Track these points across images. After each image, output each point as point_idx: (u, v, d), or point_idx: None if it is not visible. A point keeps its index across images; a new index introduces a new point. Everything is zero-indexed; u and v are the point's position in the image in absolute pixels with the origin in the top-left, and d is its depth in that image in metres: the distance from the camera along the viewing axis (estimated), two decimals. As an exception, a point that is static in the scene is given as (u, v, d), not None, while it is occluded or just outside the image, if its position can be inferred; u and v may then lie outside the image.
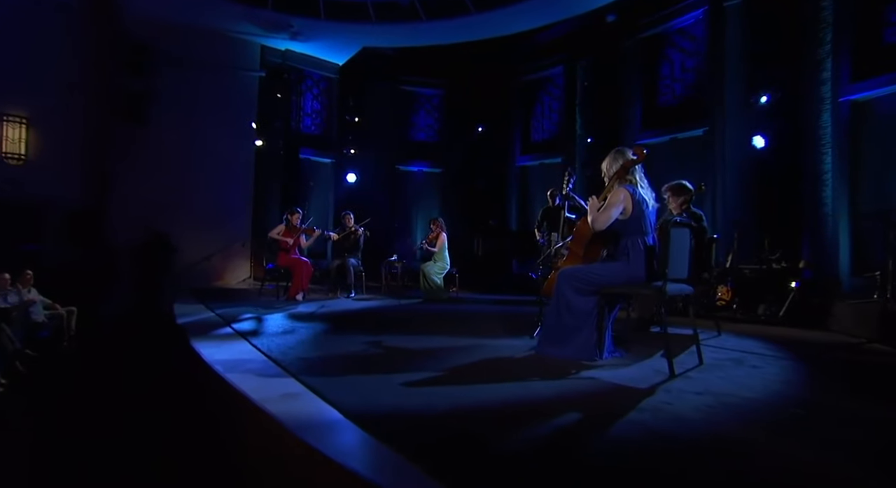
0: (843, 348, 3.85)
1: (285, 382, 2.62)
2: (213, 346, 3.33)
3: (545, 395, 2.42)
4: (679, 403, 2.32)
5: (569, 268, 3.30)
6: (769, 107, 6.96)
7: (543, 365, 3.06)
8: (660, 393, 2.47)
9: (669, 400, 2.35)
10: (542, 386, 2.57)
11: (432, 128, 11.49)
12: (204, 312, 4.97)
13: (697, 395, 2.45)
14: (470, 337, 3.98)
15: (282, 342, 3.55)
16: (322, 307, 5.75)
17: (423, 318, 5.18)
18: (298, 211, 6.60)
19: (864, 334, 4.10)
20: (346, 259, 7.00)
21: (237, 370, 2.80)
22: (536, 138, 10.52)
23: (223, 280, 9.07)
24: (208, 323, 4.34)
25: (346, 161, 10.34)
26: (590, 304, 3.20)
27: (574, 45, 9.50)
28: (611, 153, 3.37)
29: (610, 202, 3.11)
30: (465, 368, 2.96)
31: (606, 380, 2.72)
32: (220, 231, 8.99)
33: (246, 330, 4.00)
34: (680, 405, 2.29)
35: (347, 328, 4.42)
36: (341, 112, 10.41)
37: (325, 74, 10.30)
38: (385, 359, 3.23)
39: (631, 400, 2.36)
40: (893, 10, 6.42)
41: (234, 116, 9.02)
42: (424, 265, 7.09)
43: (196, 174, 8.66)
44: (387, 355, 3.34)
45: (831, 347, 3.89)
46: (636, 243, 3.12)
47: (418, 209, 11.21)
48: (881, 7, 6.47)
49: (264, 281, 7.04)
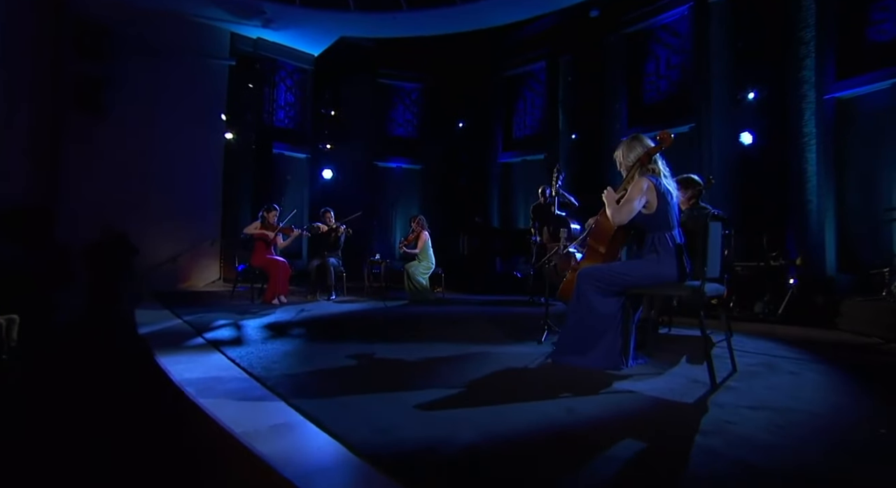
0: (864, 349, 3.63)
1: (274, 408, 2.15)
2: (182, 362, 2.80)
3: (589, 417, 2.03)
4: (741, 422, 1.97)
5: (590, 268, 2.93)
6: (756, 103, 6.85)
7: (568, 376, 2.69)
8: (713, 410, 2.13)
9: (729, 419, 2.01)
10: (579, 404, 2.18)
11: (411, 124, 11.03)
12: (170, 319, 4.39)
13: (754, 411, 2.12)
14: (472, 343, 3.57)
15: (263, 354, 3.05)
16: (302, 311, 5.23)
17: (415, 323, 4.74)
18: (276, 208, 6.03)
19: (876, 333, 3.91)
20: (325, 258, 6.47)
21: (213, 393, 2.30)
22: (518, 135, 10.20)
23: (190, 282, 8.36)
24: (176, 332, 3.78)
25: (321, 156, 9.76)
26: (614, 307, 2.85)
27: (557, 40, 9.23)
28: (625, 140, 3.02)
29: (631, 194, 2.76)
30: (481, 383, 2.55)
31: (647, 394, 2.36)
32: (186, 230, 8.29)
33: (220, 340, 3.47)
34: (744, 424, 1.95)
35: (336, 336, 3.94)
36: (316, 105, 9.83)
37: (299, 65, 9.69)
38: (387, 373, 2.78)
39: (686, 420, 2.01)
40: (876, 10, 6.37)
41: (201, 107, 8.32)
42: (409, 265, 6.65)
43: (160, 168, 7.93)
44: (387, 369, 2.90)
45: (853, 348, 3.66)
46: (663, 239, 2.79)
47: (397, 207, 10.73)
48: (865, 6, 6.42)
49: (236, 283, 6.44)
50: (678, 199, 2.86)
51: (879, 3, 6.36)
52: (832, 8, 6.48)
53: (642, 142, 2.90)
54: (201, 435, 1.94)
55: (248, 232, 5.92)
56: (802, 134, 6.51)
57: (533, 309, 5.74)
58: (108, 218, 7.10)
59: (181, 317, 4.41)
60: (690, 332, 4.09)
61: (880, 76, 6.12)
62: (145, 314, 4.60)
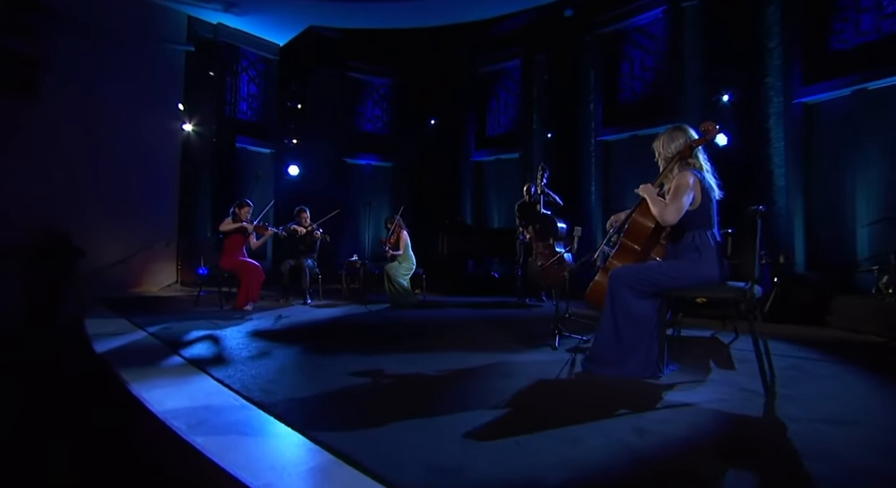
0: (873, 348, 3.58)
1: (292, 445, 1.73)
2: (159, 387, 2.30)
3: (664, 438, 1.75)
4: (831, 441, 1.75)
5: (625, 268, 2.67)
6: (730, 106, 6.92)
7: (611, 388, 2.41)
8: (791, 426, 1.90)
9: (814, 437, 1.78)
10: (644, 422, 1.90)
11: (381, 120, 10.55)
12: (131, 331, 3.77)
13: (833, 426, 1.91)
14: (485, 352, 3.24)
15: (257, 373, 2.59)
16: (280, 318, 4.71)
17: (411, 329, 4.35)
18: (249, 203, 5.43)
19: (872, 330, 3.91)
20: (301, 260, 5.94)
21: (209, 428, 1.85)
22: (492, 133, 9.97)
23: (142, 286, 7.55)
24: (143, 348, 3.21)
25: (287, 151, 9.13)
26: (651, 310, 2.61)
27: (532, 39, 9.05)
28: (667, 131, 2.79)
29: (679, 189, 2.52)
30: (522, 401, 2.23)
31: (706, 407, 2.11)
32: (137, 229, 7.48)
33: (200, 356, 2.95)
34: (835, 444, 1.72)
35: (331, 346, 3.49)
36: (282, 98, 9.18)
37: (263, 55, 9.01)
38: (409, 392, 2.40)
39: (772, 440, 1.77)
40: (837, 20, 6.58)
41: (156, 95, 7.52)
42: (389, 267, 6.23)
43: (107, 161, 7.09)
44: (407, 386, 2.51)
45: (860, 346, 3.61)
46: (705, 237, 2.57)
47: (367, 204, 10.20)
48: (827, 16, 6.61)
49: (201, 286, 5.79)
50: (721, 196, 2.64)
51: (840, 14, 6.57)
52: (797, 17, 6.64)
53: (686, 133, 2.67)
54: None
55: (225, 229, 5.28)
56: (771, 137, 6.64)
57: (525, 311, 5.47)
58: (45, 215, 6.23)
59: (144, 329, 3.81)
60: (698, 333, 3.96)
61: (842, 83, 6.30)
62: (98, 325, 3.95)
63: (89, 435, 1.85)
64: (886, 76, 6.02)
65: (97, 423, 1.93)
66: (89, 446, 1.77)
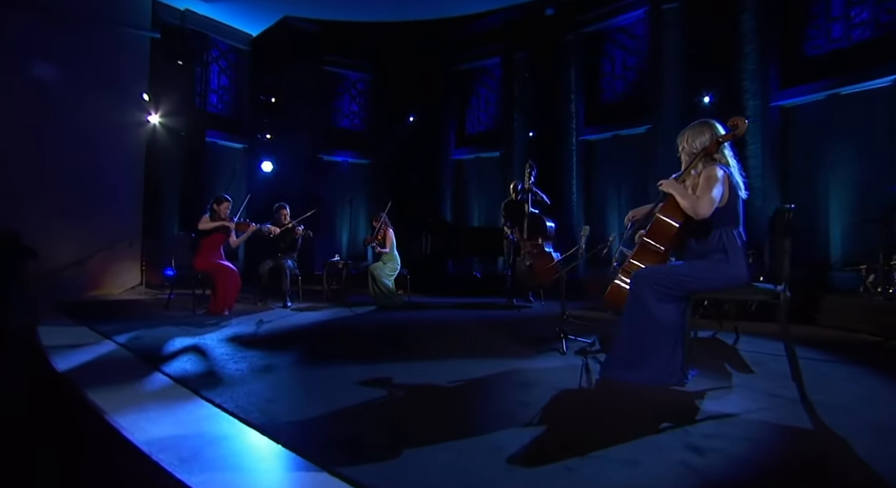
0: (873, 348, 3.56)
1: (305, 478, 1.45)
2: (139, 410, 1.96)
3: (733, 460, 1.57)
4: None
5: (648, 270, 2.50)
6: (711, 107, 6.96)
7: (643, 398, 2.23)
8: (853, 441, 1.75)
9: (882, 455, 1.65)
10: (698, 439, 1.72)
11: (358, 116, 10.18)
12: (95, 341, 3.35)
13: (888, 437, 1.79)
14: (491, 358, 3.03)
15: (251, 390, 2.27)
16: (262, 323, 4.35)
17: (404, 333, 4.08)
18: (227, 199, 4.99)
19: (865, 329, 3.92)
20: (281, 260, 5.56)
21: (205, 462, 1.54)
22: (472, 131, 9.77)
23: (103, 289, 6.95)
24: (112, 362, 2.82)
25: (260, 147, 8.65)
26: (675, 314, 2.45)
27: (513, 36, 8.90)
28: (693, 125, 2.64)
29: (710, 180, 2.37)
30: (554, 414, 2.02)
31: (751, 418, 1.95)
32: (97, 227, 6.88)
33: (184, 372, 2.59)
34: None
35: (327, 354, 3.19)
36: (254, 90, 8.69)
37: (234, 45, 8.50)
38: (427, 407, 2.15)
39: (845, 458, 1.62)
40: (811, 26, 6.71)
41: (117, 83, 6.93)
42: (373, 267, 5.93)
43: (63, 154, 6.47)
44: (424, 401, 2.26)
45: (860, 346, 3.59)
46: (732, 237, 2.43)
47: (344, 203, 9.84)
48: (801, 22, 6.73)
49: (171, 289, 5.33)
50: (746, 196, 2.50)
51: (813, 21, 6.70)
52: (772, 22, 6.73)
53: (713, 129, 2.53)
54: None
55: (205, 228, 4.82)
56: (748, 139, 6.72)
57: (516, 312, 5.29)
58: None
59: (111, 338, 3.39)
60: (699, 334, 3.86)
61: (816, 88, 6.43)
62: (55, 334, 3.50)
63: (55, 476, 1.51)
64: (857, 82, 6.17)
65: (64, 460, 1.59)
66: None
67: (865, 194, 5.85)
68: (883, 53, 5.92)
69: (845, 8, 6.39)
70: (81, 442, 1.68)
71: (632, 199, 7.75)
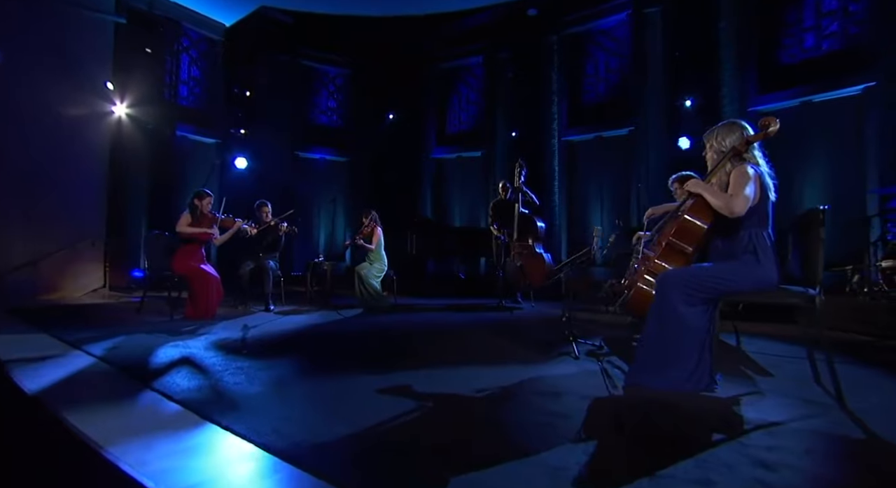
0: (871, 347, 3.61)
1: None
2: (143, 444, 1.68)
3: (808, 475, 1.46)
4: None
5: (675, 272, 2.40)
6: (692, 110, 7.06)
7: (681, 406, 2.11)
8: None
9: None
10: (762, 452, 1.60)
11: (336, 112, 9.84)
12: (63, 353, 2.97)
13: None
14: (506, 364, 2.87)
15: (258, 406, 2.02)
16: (248, 329, 4.04)
17: (404, 338, 3.86)
18: (208, 193, 4.61)
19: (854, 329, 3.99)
20: (263, 261, 5.23)
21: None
22: (453, 130, 9.61)
23: (61, 292, 6.40)
24: (92, 379, 2.46)
25: (234, 142, 8.20)
26: (703, 317, 2.36)
27: (495, 36, 8.81)
28: (723, 124, 2.56)
29: (743, 178, 2.28)
30: (597, 427, 1.87)
31: (798, 427, 1.86)
32: (55, 226, 6.34)
33: (180, 390, 2.28)
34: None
35: (327, 363, 2.94)
36: (228, 83, 8.23)
37: (206, 35, 8.02)
38: (463, 422, 1.96)
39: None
40: (786, 36, 6.91)
41: (78, 70, 6.39)
42: (360, 267, 5.67)
43: (15, 144, 5.90)
44: (453, 414, 2.06)
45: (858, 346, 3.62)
46: (762, 238, 2.36)
47: (321, 201, 9.48)
48: (776, 31, 6.92)
49: (144, 292, 4.91)
50: (775, 199, 2.43)
51: (787, 30, 6.90)
52: (749, 30, 6.89)
53: (743, 128, 2.45)
54: None
55: (183, 230, 4.42)
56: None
57: (509, 314, 5.16)
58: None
59: (82, 348, 3.03)
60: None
61: (791, 94, 6.62)
62: (12, 344, 3.10)
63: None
64: (828, 90, 6.38)
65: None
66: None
67: (838, 197, 6.05)
68: (852, 64, 6.14)
69: (817, 19, 6.60)
70: (72, 483, 1.41)
71: (614, 200, 7.80)
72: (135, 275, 6.79)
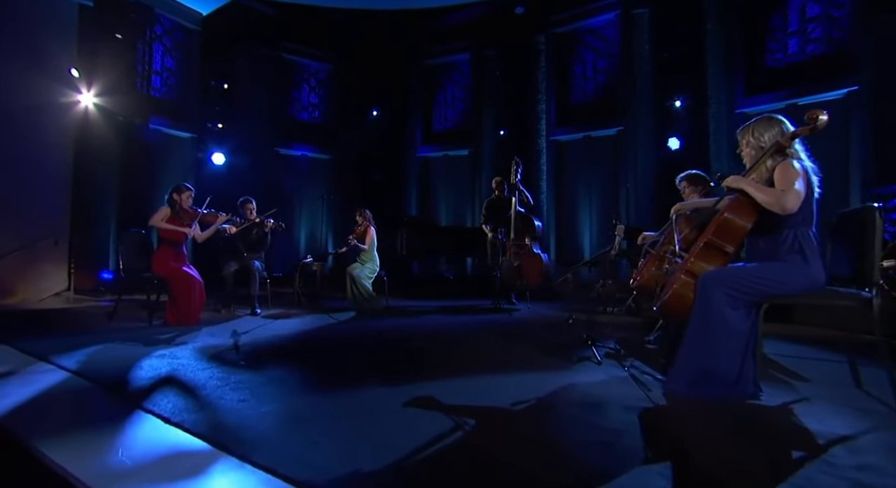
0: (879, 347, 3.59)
1: None
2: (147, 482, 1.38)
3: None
4: None
5: (719, 273, 2.25)
6: (681, 111, 7.06)
7: (740, 418, 1.96)
8: None
9: None
10: (859, 474, 1.45)
11: (317, 108, 9.45)
12: (27, 365, 2.57)
13: None
14: (530, 371, 2.68)
15: (272, 430, 1.74)
16: (238, 335, 3.68)
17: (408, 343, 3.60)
18: (189, 188, 4.21)
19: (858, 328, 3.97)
20: (248, 261, 4.86)
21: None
22: (439, 128, 9.37)
23: (18, 295, 5.83)
24: (68, 397, 2.10)
25: (211, 137, 7.72)
26: (746, 321, 2.22)
27: (483, 33, 8.62)
28: (758, 119, 2.42)
29: (791, 175, 2.14)
30: (660, 444, 1.68)
31: (887, 442, 1.72)
32: (13, 223, 5.77)
33: (178, 412, 1.95)
34: None
35: (335, 374, 2.65)
36: (204, 75, 7.74)
37: (181, 23, 7.51)
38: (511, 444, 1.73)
39: None
40: (771, 40, 6.99)
41: (37, 55, 5.83)
42: (352, 268, 5.37)
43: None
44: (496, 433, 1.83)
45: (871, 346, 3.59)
46: (808, 236, 2.23)
47: (302, 200, 9.08)
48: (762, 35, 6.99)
49: (118, 295, 4.47)
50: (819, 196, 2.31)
51: (772, 34, 6.98)
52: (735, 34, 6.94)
53: (782, 123, 2.32)
54: None
55: (156, 224, 4.02)
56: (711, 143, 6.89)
57: (510, 316, 4.96)
58: None
59: (50, 360, 2.64)
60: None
61: (777, 97, 6.68)
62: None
63: None
64: (812, 94, 6.47)
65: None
66: None
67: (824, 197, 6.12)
68: (835, 68, 6.24)
69: (801, 24, 6.68)
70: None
71: (603, 200, 7.73)
72: (104, 276, 6.26)
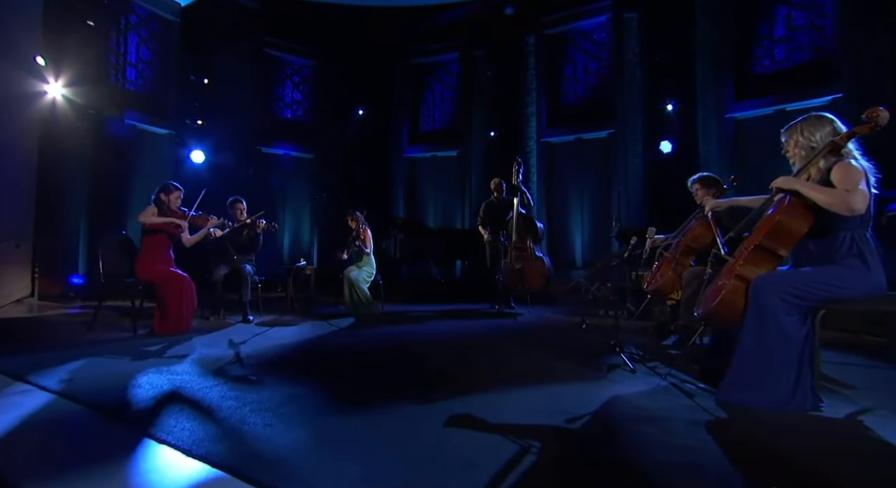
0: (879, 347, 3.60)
1: None
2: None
3: None
4: None
5: (773, 277, 2.13)
6: (672, 115, 7.08)
7: (816, 433, 1.84)
8: None
9: None
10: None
11: (301, 106, 9.08)
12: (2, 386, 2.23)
13: None
14: (562, 382, 2.52)
15: (313, 460, 1.50)
16: (234, 345, 3.38)
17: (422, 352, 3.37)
18: (178, 187, 3.86)
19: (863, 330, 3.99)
20: (238, 265, 4.52)
21: None
22: (427, 128, 9.16)
23: (-25, 303, 5.27)
24: (56, 424, 1.79)
25: (190, 134, 7.28)
26: (802, 328, 2.11)
27: (472, 33, 8.48)
28: (806, 118, 2.31)
29: (854, 175, 2.02)
30: (762, 469, 1.53)
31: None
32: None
33: (197, 442, 1.68)
34: None
35: (358, 389, 2.41)
36: (182, 68, 7.29)
37: (158, 13, 7.05)
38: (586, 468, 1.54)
39: None
40: (758, 47, 7.10)
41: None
42: (349, 271, 5.09)
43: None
44: (561, 456, 1.64)
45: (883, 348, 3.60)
46: (866, 239, 2.13)
47: (285, 200, 8.70)
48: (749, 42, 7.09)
49: (100, 303, 4.06)
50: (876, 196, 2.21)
51: (759, 42, 7.09)
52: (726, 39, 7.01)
53: (833, 122, 2.20)
54: None
55: (147, 220, 3.65)
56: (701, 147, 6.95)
57: (515, 321, 4.79)
58: None
59: (28, 380, 2.29)
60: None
61: (765, 103, 6.78)
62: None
63: None
64: (799, 100, 6.59)
65: None
66: None
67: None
68: (820, 76, 6.37)
69: (788, 31, 6.81)
70: None
71: (594, 202, 7.69)
72: (73, 281, 5.76)
